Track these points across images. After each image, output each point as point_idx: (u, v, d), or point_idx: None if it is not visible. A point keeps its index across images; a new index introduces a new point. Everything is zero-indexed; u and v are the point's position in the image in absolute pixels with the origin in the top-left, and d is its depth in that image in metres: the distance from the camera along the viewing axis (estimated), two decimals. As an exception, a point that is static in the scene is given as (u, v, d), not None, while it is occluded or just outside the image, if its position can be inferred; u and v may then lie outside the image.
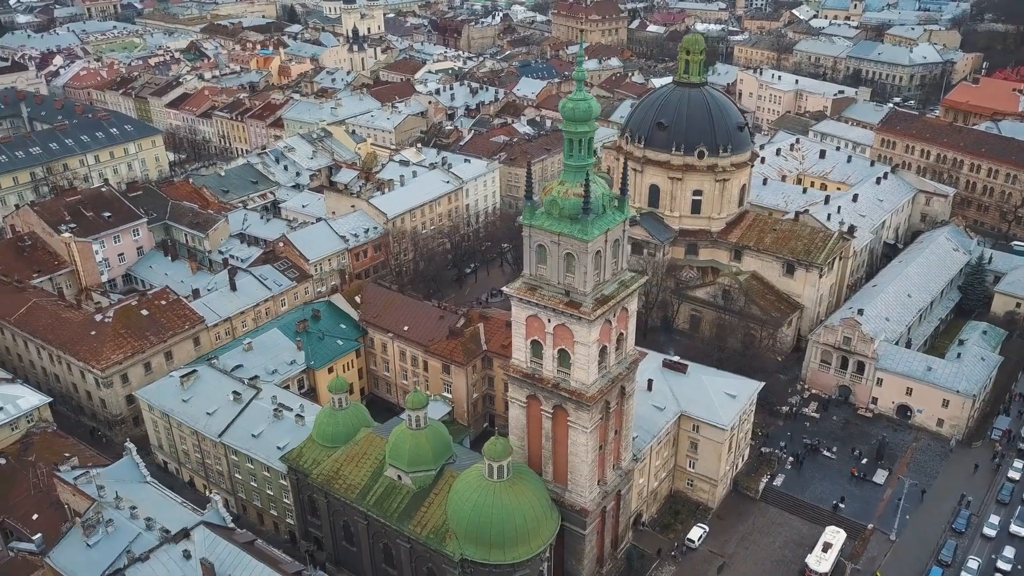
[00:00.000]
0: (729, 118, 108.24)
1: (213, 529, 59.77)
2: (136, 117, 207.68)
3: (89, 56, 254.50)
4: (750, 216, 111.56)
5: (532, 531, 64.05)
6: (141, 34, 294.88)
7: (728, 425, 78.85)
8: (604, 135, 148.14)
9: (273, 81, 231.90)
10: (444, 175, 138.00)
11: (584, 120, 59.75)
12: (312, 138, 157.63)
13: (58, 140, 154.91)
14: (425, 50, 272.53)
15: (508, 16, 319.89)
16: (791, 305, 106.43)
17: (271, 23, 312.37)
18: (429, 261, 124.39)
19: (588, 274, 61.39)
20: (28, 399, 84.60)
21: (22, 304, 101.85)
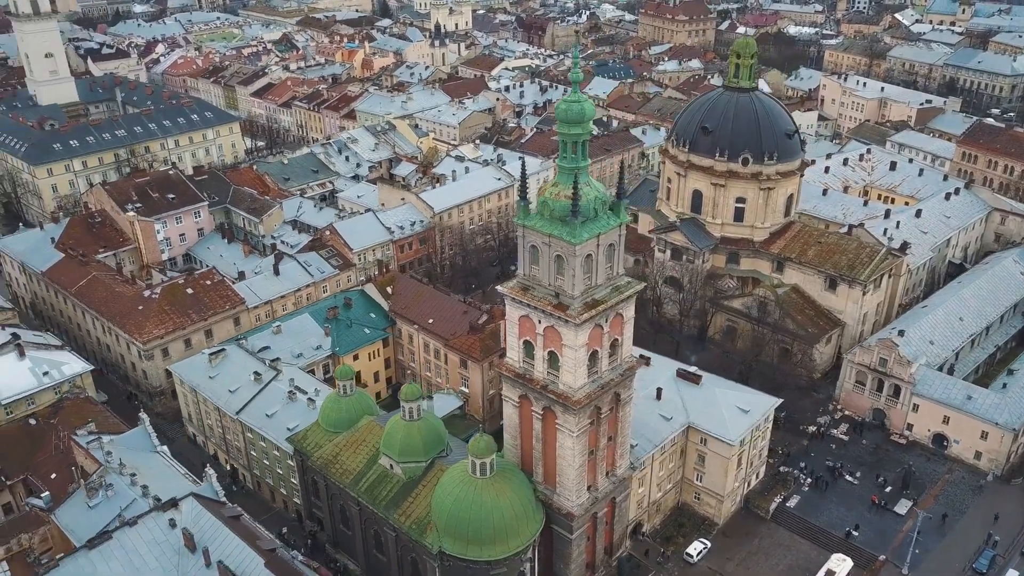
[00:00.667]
0: (777, 125, 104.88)
1: (202, 501, 62.46)
2: (224, 104, 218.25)
3: (189, 45, 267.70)
4: (796, 227, 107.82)
5: (511, 530, 64.25)
6: (240, 25, 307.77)
7: (736, 440, 76.75)
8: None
9: (355, 74, 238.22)
10: (496, 172, 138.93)
11: (577, 122, 59.39)
12: (376, 131, 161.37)
13: (142, 124, 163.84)
14: (508, 47, 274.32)
15: (595, 15, 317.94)
16: (831, 322, 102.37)
17: (363, 17, 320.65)
18: (472, 256, 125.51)
19: (577, 277, 61.04)
20: (72, 366, 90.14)
21: (83, 277, 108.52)
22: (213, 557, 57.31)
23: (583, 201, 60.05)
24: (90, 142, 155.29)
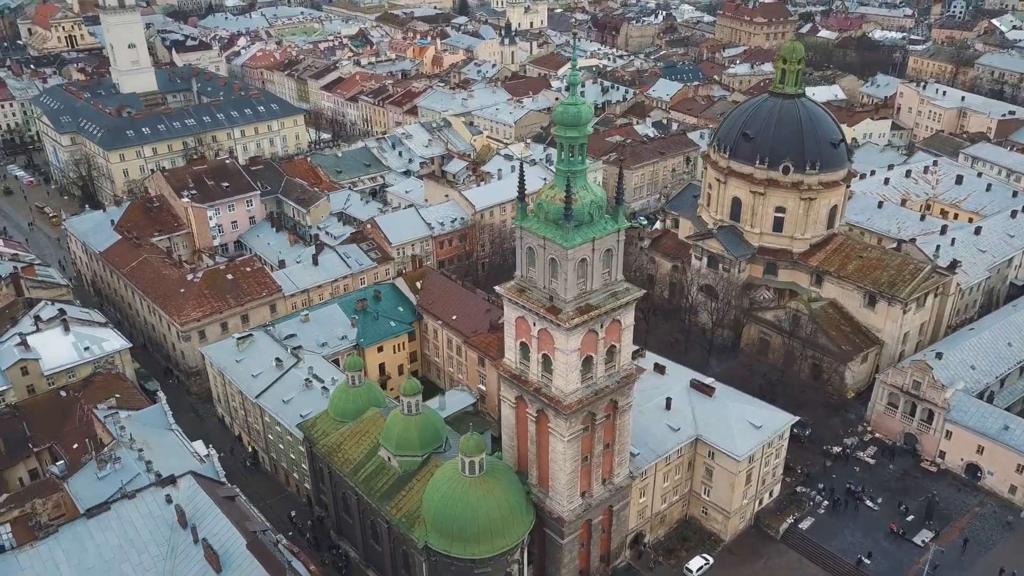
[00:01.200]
0: (822, 133, 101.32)
1: (199, 480, 64.76)
2: (296, 97, 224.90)
3: (271, 39, 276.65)
4: (838, 240, 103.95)
5: (496, 530, 64.33)
6: (321, 20, 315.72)
7: (743, 455, 74.76)
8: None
9: (425, 70, 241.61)
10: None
11: (573, 125, 58.99)
12: (431, 127, 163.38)
13: (211, 114, 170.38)
14: (580, 47, 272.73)
15: (672, 15, 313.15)
16: (868, 340, 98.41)
17: (440, 14, 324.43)
18: (509, 255, 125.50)
19: (569, 281, 60.67)
20: (112, 343, 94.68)
21: (135, 258, 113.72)
22: (201, 534, 59.39)
23: (578, 205, 59.68)
24: (161, 130, 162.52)
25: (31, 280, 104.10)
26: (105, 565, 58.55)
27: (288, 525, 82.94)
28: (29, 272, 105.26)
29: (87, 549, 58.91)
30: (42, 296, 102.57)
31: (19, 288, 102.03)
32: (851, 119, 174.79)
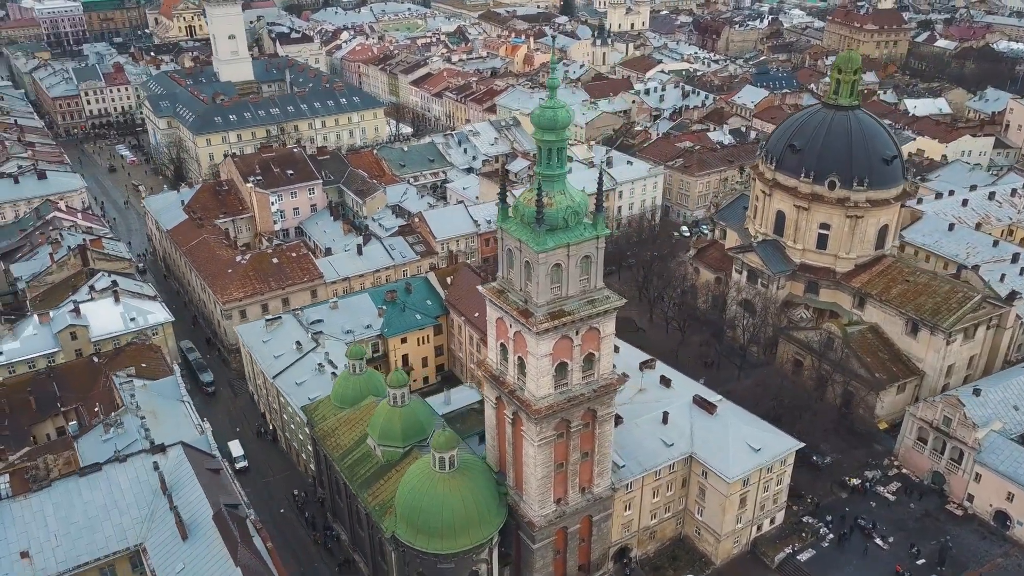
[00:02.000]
0: (874, 149, 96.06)
1: (188, 451, 68.32)
2: (387, 91, 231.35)
3: (374, 33, 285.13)
4: (887, 262, 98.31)
5: (460, 527, 64.75)
6: (425, 16, 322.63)
7: (734, 477, 72.18)
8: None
9: (515, 69, 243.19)
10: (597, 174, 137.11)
11: (550, 128, 58.59)
12: (500, 125, 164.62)
13: (295, 104, 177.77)
14: (678, 49, 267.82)
15: (778, 20, 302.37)
16: (907, 369, 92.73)
17: (541, 14, 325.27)
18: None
19: (541, 285, 60.35)
20: (156, 316, 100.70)
21: (195, 238, 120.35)
22: (176, 502, 62.69)
23: (552, 209, 59.27)
24: (247, 117, 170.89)
25: (97, 252, 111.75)
26: (89, 522, 62.77)
27: (291, 502, 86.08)
28: (96, 245, 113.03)
29: (75, 505, 63.31)
30: (105, 268, 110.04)
31: (85, 259, 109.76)
32: (948, 135, 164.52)
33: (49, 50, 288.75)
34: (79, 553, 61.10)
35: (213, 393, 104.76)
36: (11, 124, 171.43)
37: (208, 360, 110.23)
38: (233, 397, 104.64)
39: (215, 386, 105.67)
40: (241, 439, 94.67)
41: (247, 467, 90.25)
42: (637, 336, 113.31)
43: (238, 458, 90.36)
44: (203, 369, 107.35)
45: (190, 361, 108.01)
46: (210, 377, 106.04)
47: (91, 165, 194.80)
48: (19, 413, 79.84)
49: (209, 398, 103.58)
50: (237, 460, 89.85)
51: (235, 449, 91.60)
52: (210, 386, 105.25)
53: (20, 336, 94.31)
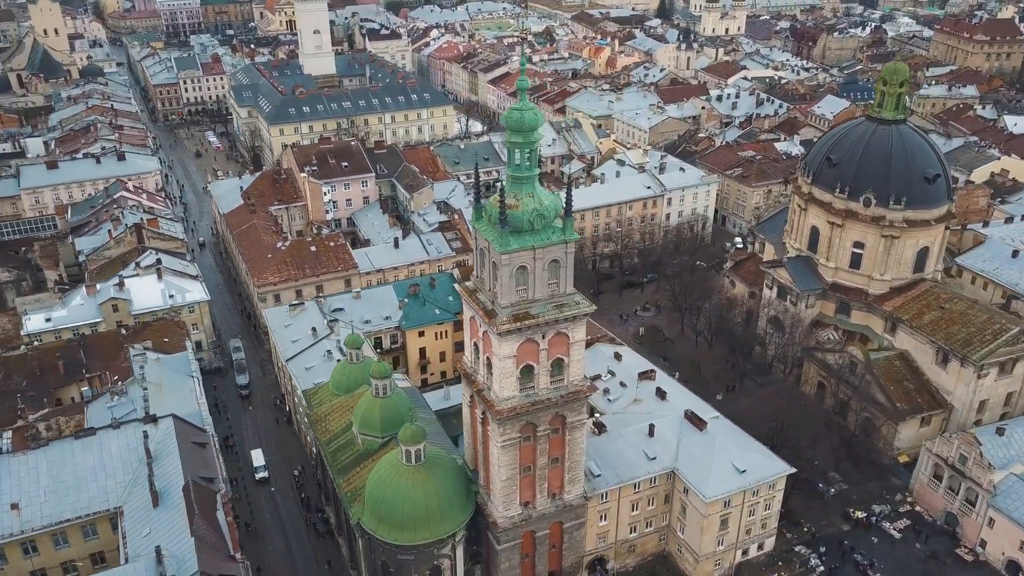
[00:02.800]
0: (916, 166, 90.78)
1: (178, 424, 71.80)
2: (467, 89, 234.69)
3: (464, 32, 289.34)
4: (924, 286, 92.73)
5: (420, 521, 65.60)
6: (518, 16, 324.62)
7: (712, 497, 70.03)
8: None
9: (597, 71, 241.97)
10: (649, 180, 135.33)
11: (517, 130, 58.50)
12: (560, 127, 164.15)
13: (367, 98, 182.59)
14: (770, 56, 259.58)
15: (882, 28, 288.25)
16: (934, 402, 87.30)
17: (634, 16, 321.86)
18: (587, 261, 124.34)
19: (505, 286, 60.42)
20: (194, 294, 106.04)
21: (246, 223, 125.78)
22: (155, 470, 66.09)
23: (518, 211, 59.20)
24: (320, 110, 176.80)
25: (152, 231, 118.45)
26: (77, 481, 66.97)
27: (292, 480, 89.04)
28: (153, 224, 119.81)
29: (66, 465, 67.67)
30: (159, 247, 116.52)
31: (141, 237, 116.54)
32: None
33: (163, 40, 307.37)
34: (63, 510, 65.31)
35: (247, 396, 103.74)
36: (108, 108, 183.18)
37: (251, 359, 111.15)
38: (262, 376, 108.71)
39: (250, 389, 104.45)
40: (259, 417, 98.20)
41: (267, 478, 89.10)
42: (664, 346, 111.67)
43: (259, 468, 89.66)
44: (242, 371, 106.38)
45: (233, 360, 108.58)
46: (246, 380, 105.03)
47: (181, 150, 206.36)
48: (47, 376, 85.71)
49: (243, 401, 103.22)
50: (258, 470, 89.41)
51: (257, 459, 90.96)
52: (244, 388, 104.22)
53: (68, 305, 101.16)
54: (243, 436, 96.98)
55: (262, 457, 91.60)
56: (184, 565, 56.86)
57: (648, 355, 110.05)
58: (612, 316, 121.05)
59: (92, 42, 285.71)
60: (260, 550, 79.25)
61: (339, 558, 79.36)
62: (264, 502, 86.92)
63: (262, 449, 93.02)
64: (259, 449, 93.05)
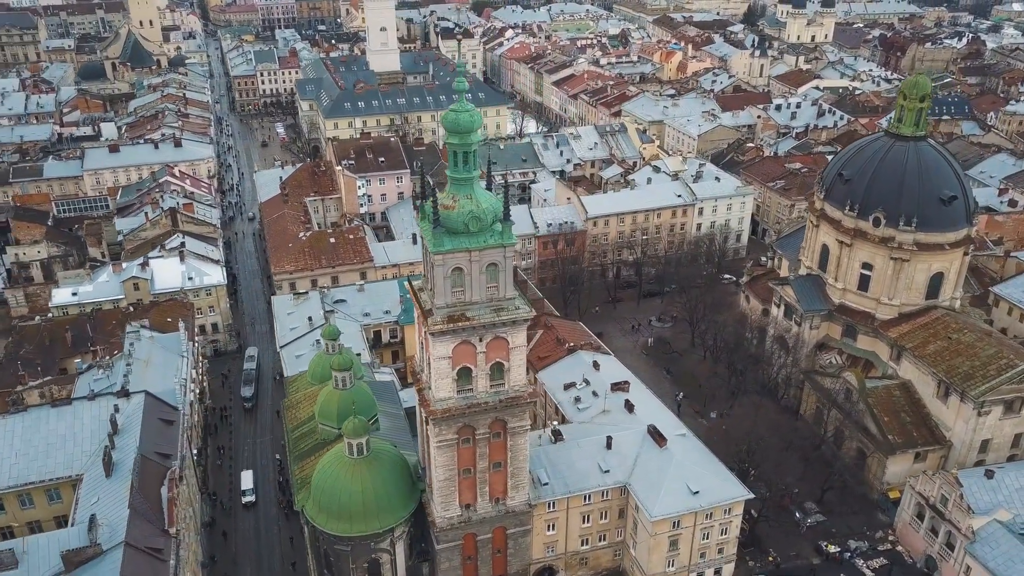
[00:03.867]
0: (931, 186, 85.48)
1: (150, 400, 74.94)
2: (532, 89, 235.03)
3: (541, 33, 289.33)
4: (935, 314, 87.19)
5: (356, 514, 66.41)
6: (598, 18, 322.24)
7: (657, 516, 68.09)
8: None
9: (667, 75, 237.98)
10: (681, 188, 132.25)
11: (454, 131, 58.46)
12: (604, 131, 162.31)
13: (421, 95, 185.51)
14: (854, 65, 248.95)
15: (979, 39, 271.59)
16: (932, 437, 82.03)
17: (717, 20, 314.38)
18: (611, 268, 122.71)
19: (439, 287, 60.62)
20: (212, 278, 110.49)
21: (278, 212, 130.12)
22: (116, 443, 69.28)
23: (454, 212, 59.21)
24: (374, 105, 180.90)
25: (187, 216, 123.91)
26: (47, 447, 70.85)
27: (273, 464, 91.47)
28: (188, 209, 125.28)
29: (40, 431, 71.72)
30: (191, 231, 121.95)
31: (175, 220, 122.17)
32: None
33: (254, 34, 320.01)
34: (30, 473, 69.17)
35: (251, 409, 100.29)
36: (179, 97, 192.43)
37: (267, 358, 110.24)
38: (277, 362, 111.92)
39: (255, 401, 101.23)
40: (258, 429, 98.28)
41: (254, 502, 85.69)
42: (670, 359, 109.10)
43: (246, 491, 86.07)
44: (248, 382, 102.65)
45: (243, 369, 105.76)
46: (250, 392, 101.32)
47: (250, 139, 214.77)
48: (56, 347, 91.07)
49: (247, 414, 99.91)
50: (245, 494, 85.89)
51: (246, 480, 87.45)
52: (248, 401, 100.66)
53: (95, 281, 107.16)
54: (239, 453, 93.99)
55: (251, 479, 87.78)
56: (115, 534, 59.41)
57: (653, 367, 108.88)
58: (625, 325, 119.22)
59: (187, 34, 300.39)
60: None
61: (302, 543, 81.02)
62: (247, 532, 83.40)
63: (253, 471, 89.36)
64: (250, 471, 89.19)
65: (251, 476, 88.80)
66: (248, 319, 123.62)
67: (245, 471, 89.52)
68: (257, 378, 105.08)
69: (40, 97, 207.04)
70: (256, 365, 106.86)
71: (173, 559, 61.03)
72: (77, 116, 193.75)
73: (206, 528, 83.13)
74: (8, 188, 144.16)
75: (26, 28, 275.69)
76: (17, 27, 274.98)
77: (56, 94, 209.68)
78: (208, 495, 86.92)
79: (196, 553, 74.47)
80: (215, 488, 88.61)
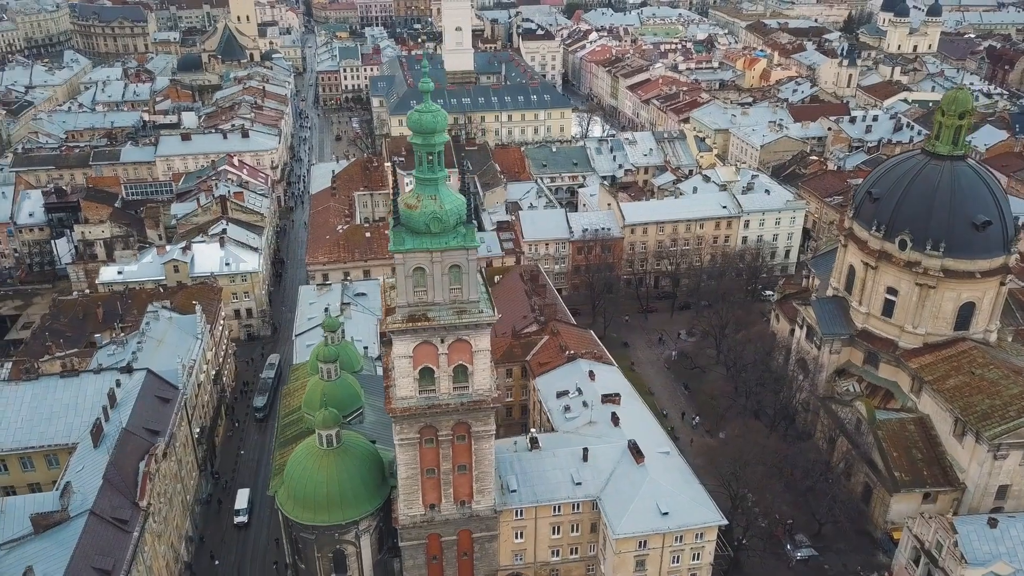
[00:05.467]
0: (964, 209, 79.63)
1: (151, 378, 78.37)
2: (608, 93, 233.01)
3: (628, 36, 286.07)
4: (963, 346, 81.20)
5: (320, 504, 67.50)
6: (688, 23, 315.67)
7: (620, 534, 66.18)
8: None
9: (748, 83, 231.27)
10: (727, 199, 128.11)
11: (417, 131, 58.59)
12: (663, 137, 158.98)
13: (487, 96, 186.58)
14: (957, 78, 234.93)
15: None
16: (944, 478, 76.46)
17: (813, 28, 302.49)
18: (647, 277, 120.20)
19: (400, 285, 60.84)
20: (248, 264, 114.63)
21: (324, 204, 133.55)
22: (110, 416, 72.79)
23: (415, 212, 59.34)
24: (439, 104, 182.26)
25: (236, 204, 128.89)
26: (51, 414, 75.28)
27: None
28: (238, 197, 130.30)
29: (47, 398, 76.22)
30: (240, 218, 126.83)
31: (224, 207, 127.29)
32: None
33: (348, 31, 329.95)
34: (32, 438, 73.72)
35: (263, 419, 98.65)
36: (259, 90, 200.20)
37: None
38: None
39: (267, 413, 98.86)
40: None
41: (246, 523, 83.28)
42: (691, 374, 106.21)
43: (239, 511, 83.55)
44: (263, 391, 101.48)
45: (260, 378, 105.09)
46: (263, 402, 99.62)
47: (327, 132, 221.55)
48: (87, 322, 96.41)
49: (258, 424, 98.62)
50: (238, 513, 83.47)
51: (240, 500, 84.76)
52: (260, 411, 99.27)
53: (140, 262, 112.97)
54: (242, 468, 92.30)
55: (246, 499, 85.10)
56: (86, 502, 62.55)
57: (672, 382, 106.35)
58: (653, 337, 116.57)
59: (284, 30, 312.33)
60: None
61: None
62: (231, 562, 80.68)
63: (251, 489, 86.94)
64: (247, 489, 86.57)
65: (247, 495, 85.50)
66: (288, 306, 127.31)
67: (242, 489, 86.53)
68: (275, 386, 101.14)
69: (137, 86, 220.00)
70: (276, 374, 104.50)
71: (137, 531, 63.65)
72: (168, 105, 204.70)
73: (203, 504, 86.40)
74: (88, 170, 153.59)
75: (137, 21, 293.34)
76: (129, 19, 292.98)
77: (152, 84, 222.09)
78: (211, 473, 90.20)
79: (181, 528, 77.53)
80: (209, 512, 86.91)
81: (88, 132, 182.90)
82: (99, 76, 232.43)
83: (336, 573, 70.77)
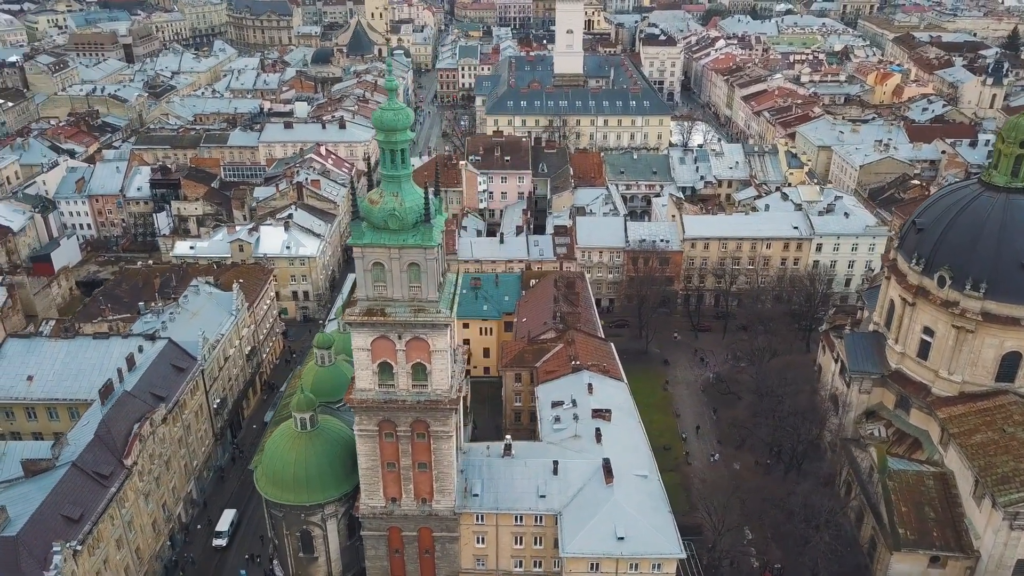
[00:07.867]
0: (1014, 247, 71.29)
1: (171, 347, 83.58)
2: (724, 102, 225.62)
3: (759, 45, 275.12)
4: (1001, 399, 72.79)
5: (288, 484, 69.91)
6: (828, 32, 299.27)
7: (569, 553, 64.24)
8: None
9: (877, 99, 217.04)
10: (800, 219, 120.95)
11: (380, 128, 59.08)
12: (753, 151, 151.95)
13: (583, 99, 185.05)
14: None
15: None
16: (956, 542, 68.77)
17: (968, 42, 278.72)
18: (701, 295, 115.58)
19: (359, 279, 61.99)
20: (306, 249, 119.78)
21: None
22: (124, 378, 78.32)
23: (375, 208, 60.13)
24: (536, 105, 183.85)
25: (311, 191, 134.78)
26: (78, 369, 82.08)
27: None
28: (314, 185, 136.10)
29: (77, 355, 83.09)
30: (313, 204, 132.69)
31: (300, 194, 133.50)
32: None
33: (481, 30, 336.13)
34: (58, 391, 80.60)
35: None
36: (371, 83, 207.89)
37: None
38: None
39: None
40: None
41: (224, 545, 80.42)
42: (725, 399, 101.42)
43: (220, 532, 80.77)
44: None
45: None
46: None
47: (436, 128, 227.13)
48: (145, 290, 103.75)
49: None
50: (218, 535, 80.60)
51: (223, 521, 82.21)
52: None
53: (211, 240, 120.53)
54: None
55: (230, 520, 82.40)
56: (74, 454, 67.73)
57: (703, 404, 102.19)
58: (696, 356, 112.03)
59: (418, 27, 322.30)
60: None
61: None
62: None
63: (237, 510, 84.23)
64: (233, 510, 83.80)
65: (232, 516, 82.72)
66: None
67: (228, 509, 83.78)
68: None
69: (268, 76, 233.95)
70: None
71: (116, 486, 68.19)
72: (292, 95, 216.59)
73: (217, 471, 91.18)
74: (196, 152, 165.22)
75: (283, 15, 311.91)
76: (276, 13, 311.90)
77: (281, 74, 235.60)
78: (230, 443, 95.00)
79: (180, 490, 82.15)
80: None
81: (213, 116, 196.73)
82: (238, 65, 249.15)
83: (304, 552, 72.97)
